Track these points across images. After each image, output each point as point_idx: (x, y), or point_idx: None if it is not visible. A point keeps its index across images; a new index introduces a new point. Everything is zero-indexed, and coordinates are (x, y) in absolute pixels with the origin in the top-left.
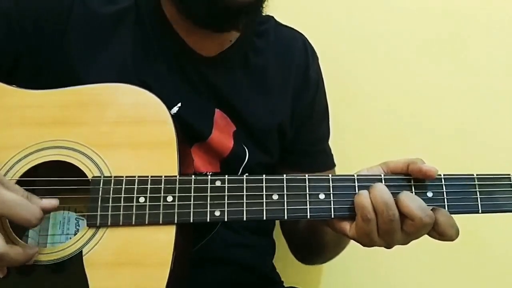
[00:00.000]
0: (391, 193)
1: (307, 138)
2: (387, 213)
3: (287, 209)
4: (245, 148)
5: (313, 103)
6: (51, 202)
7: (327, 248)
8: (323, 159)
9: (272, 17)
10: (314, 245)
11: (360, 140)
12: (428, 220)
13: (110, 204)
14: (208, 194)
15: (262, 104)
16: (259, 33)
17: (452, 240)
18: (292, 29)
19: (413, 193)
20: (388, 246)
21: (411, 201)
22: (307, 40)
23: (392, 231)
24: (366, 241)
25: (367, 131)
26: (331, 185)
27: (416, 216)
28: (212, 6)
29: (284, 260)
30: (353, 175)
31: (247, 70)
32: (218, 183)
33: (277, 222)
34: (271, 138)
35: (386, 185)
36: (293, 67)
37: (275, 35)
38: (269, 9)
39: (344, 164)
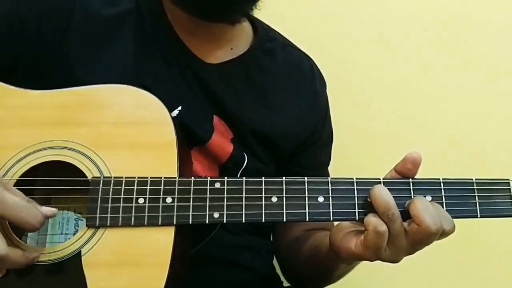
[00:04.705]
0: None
1: (308, 162)
2: (386, 213)
3: (286, 212)
4: (244, 153)
5: (320, 128)
6: (51, 210)
7: (329, 281)
8: None
9: (280, 34)
10: (317, 276)
11: (359, 143)
12: (434, 229)
13: (110, 205)
14: (207, 196)
15: (260, 117)
16: (266, 51)
17: (430, 232)
18: (300, 51)
19: (412, 196)
20: (395, 258)
21: (422, 206)
22: (315, 65)
23: (395, 234)
24: (373, 256)
25: (367, 133)
26: (330, 188)
27: (423, 222)
28: None
29: None
30: (352, 178)
31: (248, 84)
32: (217, 185)
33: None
34: (266, 150)
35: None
36: (301, 90)
37: (282, 56)
38: (270, 9)
39: (343, 166)
